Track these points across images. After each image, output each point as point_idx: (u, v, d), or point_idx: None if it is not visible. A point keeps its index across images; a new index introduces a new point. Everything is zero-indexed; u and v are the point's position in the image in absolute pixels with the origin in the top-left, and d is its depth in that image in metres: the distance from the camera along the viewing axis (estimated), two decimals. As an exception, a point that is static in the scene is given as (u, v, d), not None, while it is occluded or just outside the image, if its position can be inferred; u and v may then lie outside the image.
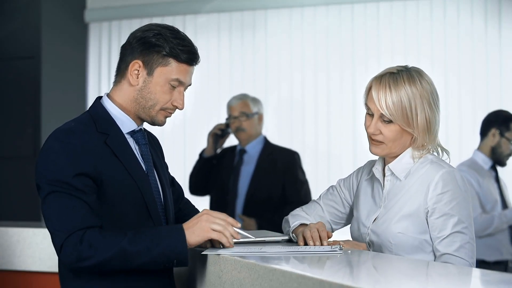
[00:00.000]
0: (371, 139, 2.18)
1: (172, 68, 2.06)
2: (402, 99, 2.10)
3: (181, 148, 5.41)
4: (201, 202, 4.20)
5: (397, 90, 2.11)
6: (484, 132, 4.04)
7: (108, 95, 2.13)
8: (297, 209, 2.36)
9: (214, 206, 4.17)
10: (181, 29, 2.13)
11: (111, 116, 2.08)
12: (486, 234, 3.80)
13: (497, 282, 1.57)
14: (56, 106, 5.50)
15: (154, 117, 2.09)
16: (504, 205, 4.01)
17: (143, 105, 2.08)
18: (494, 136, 3.99)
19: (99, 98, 2.15)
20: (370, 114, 2.17)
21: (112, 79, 2.15)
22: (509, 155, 4.01)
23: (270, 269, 1.68)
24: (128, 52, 2.08)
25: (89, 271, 1.97)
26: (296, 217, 2.28)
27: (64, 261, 1.95)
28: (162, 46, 2.04)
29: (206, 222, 1.95)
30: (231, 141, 4.30)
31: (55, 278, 3.16)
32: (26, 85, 5.51)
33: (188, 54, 2.07)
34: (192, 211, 2.32)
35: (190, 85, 2.12)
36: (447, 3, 5.03)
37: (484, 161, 4.01)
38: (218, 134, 4.14)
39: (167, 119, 2.13)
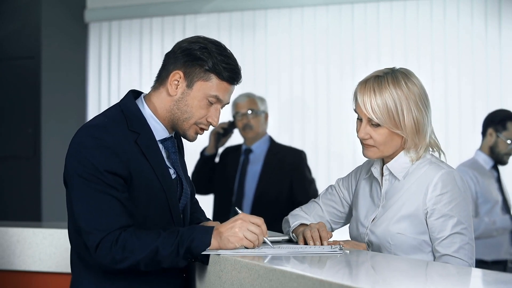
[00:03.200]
0: (363, 143, 2.18)
1: (212, 84, 2.04)
2: (387, 102, 2.09)
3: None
4: (205, 201, 4.19)
5: (381, 93, 2.10)
6: (483, 132, 4.09)
7: (144, 97, 2.09)
8: (297, 209, 2.37)
9: (218, 206, 4.13)
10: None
11: (144, 117, 2.05)
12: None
13: (496, 282, 1.57)
14: (56, 106, 5.50)
15: (186, 130, 2.07)
16: (506, 206, 4.02)
17: (178, 116, 2.05)
18: (491, 135, 4.02)
19: (133, 93, 2.10)
20: (359, 119, 2.17)
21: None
22: (508, 154, 4.03)
23: (270, 269, 1.68)
24: (171, 61, 2.05)
25: (121, 272, 1.96)
26: (296, 217, 2.28)
27: (99, 262, 1.93)
28: (205, 60, 2.03)
29: (240, 230, 1.92)
30: (232, 141, 4.28)
31: (55, 278, 3.17)
32: (26, 85, 5.50)
33: (230, 72, 2.06)
34: (196, 211, 2.32)
35: (227, 103, 2.10)
36: (447, 3, 5.02)
37: (485, 161, 4.03)
38: (220, 133, 4.12)
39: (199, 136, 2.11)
